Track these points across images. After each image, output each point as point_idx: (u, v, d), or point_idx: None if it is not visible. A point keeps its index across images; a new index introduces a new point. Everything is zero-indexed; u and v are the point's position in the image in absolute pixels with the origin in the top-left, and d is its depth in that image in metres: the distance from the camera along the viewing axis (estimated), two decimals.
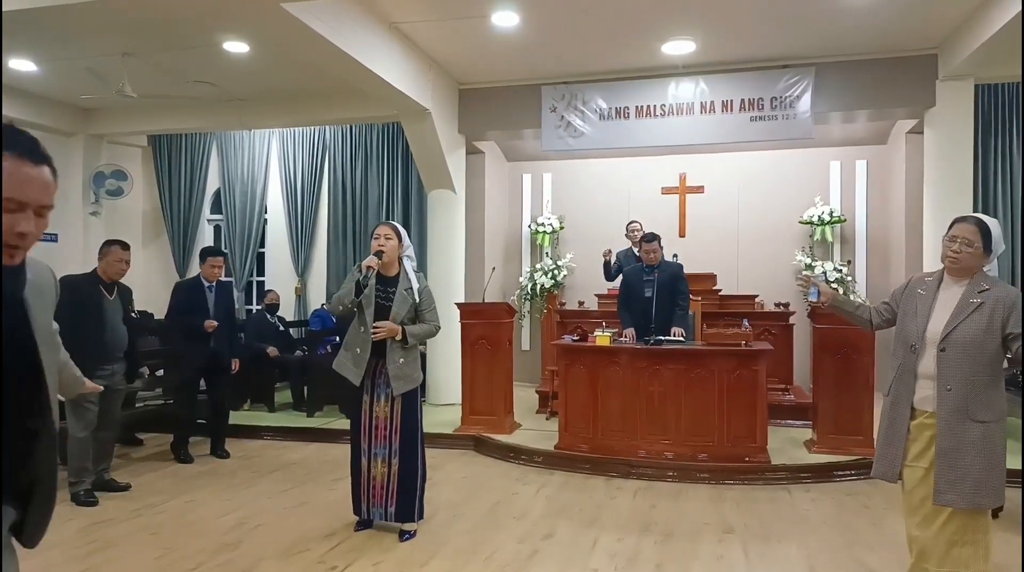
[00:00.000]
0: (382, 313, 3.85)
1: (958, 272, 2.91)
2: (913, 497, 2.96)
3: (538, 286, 8.72)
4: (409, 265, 3.98)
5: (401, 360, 3.87)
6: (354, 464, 3.98)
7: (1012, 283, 7.52)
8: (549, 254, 9.01)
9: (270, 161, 9.86)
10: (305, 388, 7.35)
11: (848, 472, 5.15)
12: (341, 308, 3.87)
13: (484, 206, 8.63)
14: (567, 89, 7.50)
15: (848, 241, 8.33)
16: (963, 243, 2.85)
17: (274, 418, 7.04)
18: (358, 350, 3.88)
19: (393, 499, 3.89)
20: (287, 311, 9.24)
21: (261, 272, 10.06)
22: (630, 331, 5.71)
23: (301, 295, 9.70)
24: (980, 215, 2.97)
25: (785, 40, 6.54)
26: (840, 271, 7.99)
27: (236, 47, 6.59)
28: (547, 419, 6.71)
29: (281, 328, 8.13)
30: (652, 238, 5.85)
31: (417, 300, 3.92)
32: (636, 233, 7.24)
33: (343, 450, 5.91)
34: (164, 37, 6.28)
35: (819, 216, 8.14)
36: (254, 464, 5.62)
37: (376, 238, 3.88)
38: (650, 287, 5.79)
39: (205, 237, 10.25)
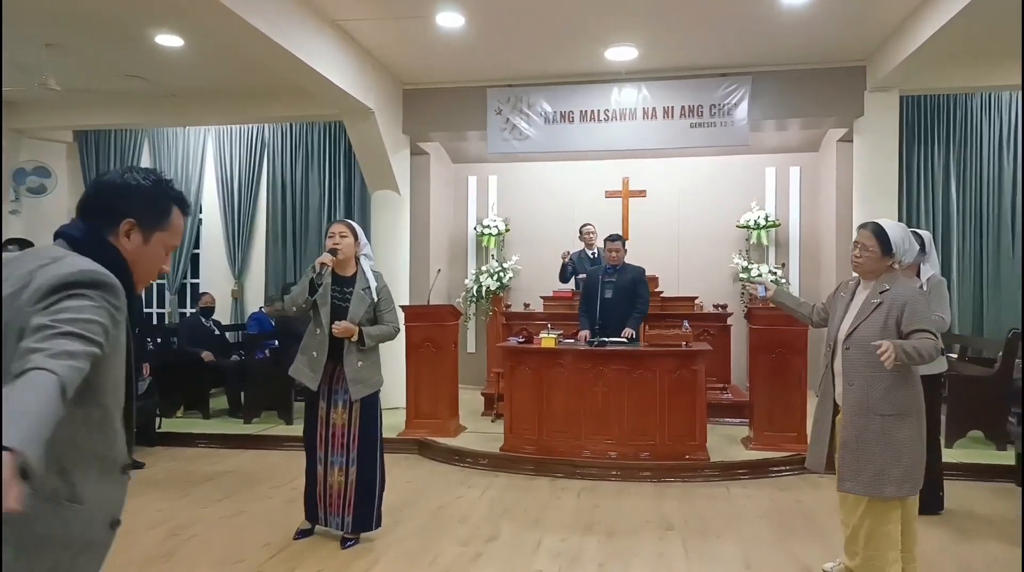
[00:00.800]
0: (338, 314, 3.75)
1: (864, 274, 3.11)
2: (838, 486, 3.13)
3: (483, 288, 8.71)
4: (367, 264, 3.89)
5: (359, 363, 3.76)
6: (309, 471, 3.86)
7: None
8: (495, 256, 9.02)
9: (205, 159, 9.58)
10: (242, 394, 7.16)
11: (782, 468, 5.31)
12: (295, 308, 3.77)
13: (429, 208, 8.58)
14: (512, 92, 7.52)
15: (782, 244, 8.60)
16: (861, 248, 3.06)
17: (209, 425, 6.83)
18: (314, 354, 3.78)
19: (351, 509, 3.79)
20: (223, 314, 8.99)
21: (196, 274, 9.76)
22: (584, 333, 5.76)
23: (238, 298, 9.45)
24: (880, 220, 3.14)
25: (723, 49, 6.72)
26: (775, 273, 8.23)
27: (169, 40, 6.39)
28: (492, 421, 6.71)
29: (217, 332, 7.90)
30: (615, 238, 5.93)
31: (375, 300, 3.83)
32: (591, 235, 7.33)
33: (282, 457, 5.85)
34: (91, 28, 6.04)
35: (755, 220, 8.38)
36: (188, 473, 5.44)
37: (331, 236, 3.80)
38: (610, 288, 5.86)
39: None
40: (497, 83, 7.53)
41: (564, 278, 7.48)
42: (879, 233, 3.04)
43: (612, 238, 5.96)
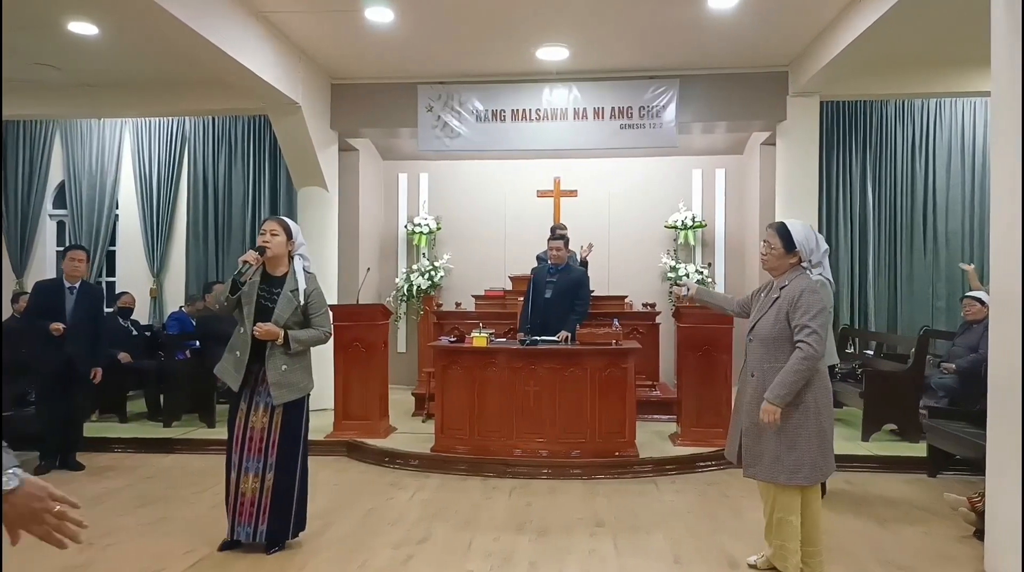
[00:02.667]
0: (263, 314, 3.59)
1: (771, 271, 3.26)
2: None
3: (415, 287, 8.61)
4: (300, 265, 3.72)
5: (284, 367, 3.59)
6: (226, 479, 3.68)
7: (857, 281, 8.24)
8: (426, 255, 8.93)
9: (122, 153, 9.17)
10: (162, 396, 6.85)
11: (710, 463, 5.43)
12: (218, 306, 3.62)
13: (358, 205, 8.41)
14: (444, 89, 7.46)
15: (709, 245, 8.81)
16: (767, 245, 3.22)
17: (126, 429, 6.50)
18: (238, 353, 3.61)
19: (264, 517, 3.59)
20: (141, 314, 8.60)
21: (111, 272, 9.31)
22: (520, 335, 5.74)
23: (157, 297, 9.07)
24: (786, 219, 3.30)
25: (652, 52, 6.83)
26: (701, 273, 8.43)
27: (83, 28, 6.07)
28: (423, 421, 6.64)
29: (135, 332, 7.55)
30: (558, 237, 5.91)
31: (302, 303, 3.66)
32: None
33: (205, 461, 5.62)
34: None
35: (683, 221, 8.57)
36: (105, 479, 5.16)
37: (262, 233, 3.65)
38: (551, 288, 5.85)
39: (47, 234, 9.37)
40: (428, 80, 7.46)
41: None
42: (782, 231, 3.20)
43: (554, 236, 5.93)
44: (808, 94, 7.03)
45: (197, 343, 7.13)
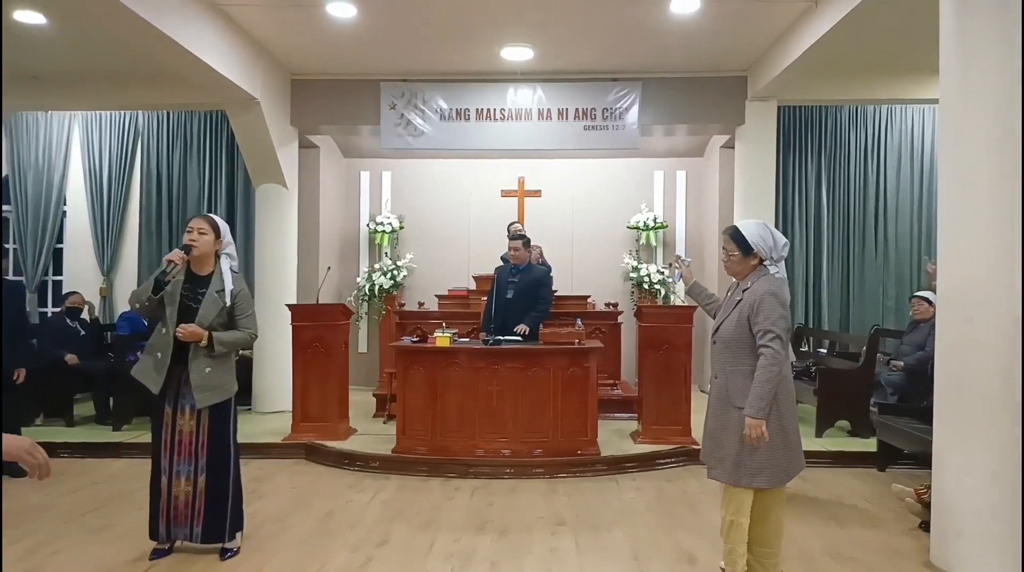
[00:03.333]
0: (186, 315, 3.48)
1: (736, 275, 3.26)
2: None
3: (376, 287, 8.53)
4: (227, 264, 3.63)
5: (208, 369, 3.50)
6: (153, 484, 3.57)
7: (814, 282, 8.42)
8: (388, 254, 8.85)
9: (71, 147, 8.88)
10: (111, 399, 6.65)
11: (669, 460, 5.49)
12: (138, 306, 3.48)
13: (319, 203, 8.30)
14: (407, 87, 7.40)
15: (670, 245, 8.91)
16: (725, 252, 3.24)
17: (73, 433, 6.30)
18: (159, 355, 3.49)
19: (200, 519, 3.53)
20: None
21: (58, 271, 9.02)
22: (483, 335, 5.73)
23: (107, 296, 8.82)
24: (738, 222, 3.29)
25: (615, 55, 6.88)
26: (662, 273, 8.53)
27: (30, 18, 5.86)
28: (384, 423, 6.58)
29: (83, 333, 7.32)
30: (516, 237, 5.90)
31: (228, 304, 3.57)
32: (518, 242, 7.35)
33: (122, 465, 5.45)
34: None
35: (644, 222, 8.65)
36: (49, 485, 4.99)
37: (189, 231, 3.53)
38: (512, 288, 5.85)
39: None
40: (391, 77, 7.40)
41: None
42: (736, 236, 3.18)
43: (513, 236, 5.93)
44: (766, 99, 7.16)
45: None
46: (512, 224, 7.56)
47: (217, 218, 3.67)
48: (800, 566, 3.58)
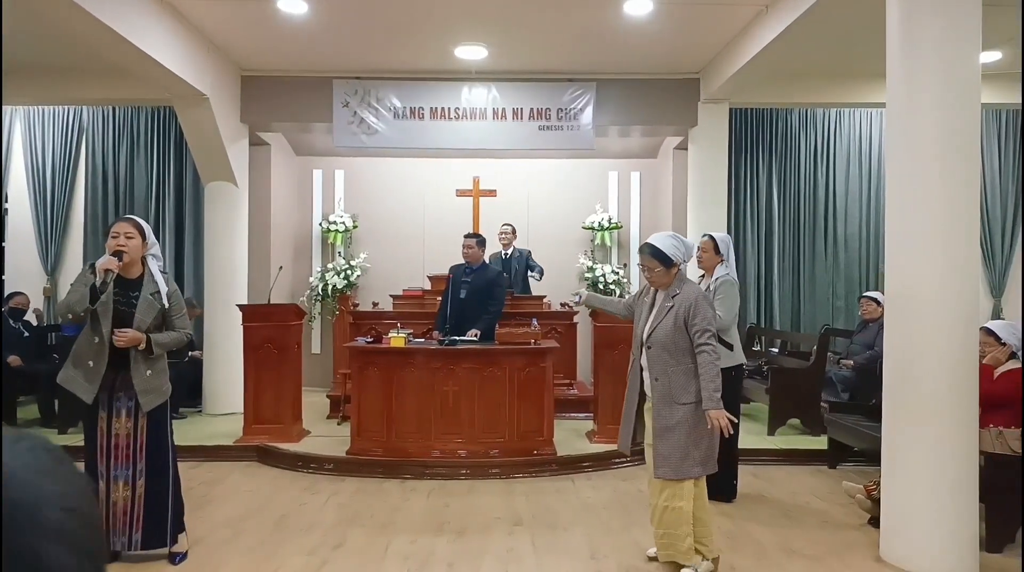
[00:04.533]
0: (121, 320, 3.38)
1: (662, 287, 3.44)
2: (648, 470, 3.45)
3: (330, 286, 8.40)
4: (155, 265, 3.54)
5: (148, 372, 3.43)
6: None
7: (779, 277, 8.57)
8: (342, 253, 8.72)
9: (12, 143, 8.55)
10: (56, 401, 6.42)
11: (624, 459, 5.52)
12: (71, 316, 3.33)
13: (270, 201, 8.13)
14: (360, 84, 7.31)
15: (624, 246, 8.99)
16: (648, 270, 3.41)
17: None
18: (91, 363, 3.38)
19: (139, 525, 3.45)
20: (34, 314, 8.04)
21: (0, 270, 8.66)
22: (437, 335, 5.68)
23: (51, 296, 8.50)
24: (651, 238, 3.47)
25: (570, 55, 6.90)
26: (617, 273, 8.60)
27: None
28: (339, 424, 6.47)
29: (27, 334, 7.05)
30: (469, 235, 5.88)
31: (166, 305, 3.50)
32: (504, 236, 7.36)
33: None
34: None
35: (599, 222, 8.71)
36: None
37: (114, 236, 3.39)
38: (466, 288, 5.82)
39: None
40: (344, 74, 7.29)
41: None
42: (655, 253, 3.37)
43: (466, 234, 5.92)
44: (718, 101, 7.27)
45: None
46: (503, 225, 7.55)
47: (140, 220, 3.57)
48: (753, 562, 3.63)
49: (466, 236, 5.97)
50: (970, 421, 3.54)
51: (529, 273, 7.63)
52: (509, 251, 7.44)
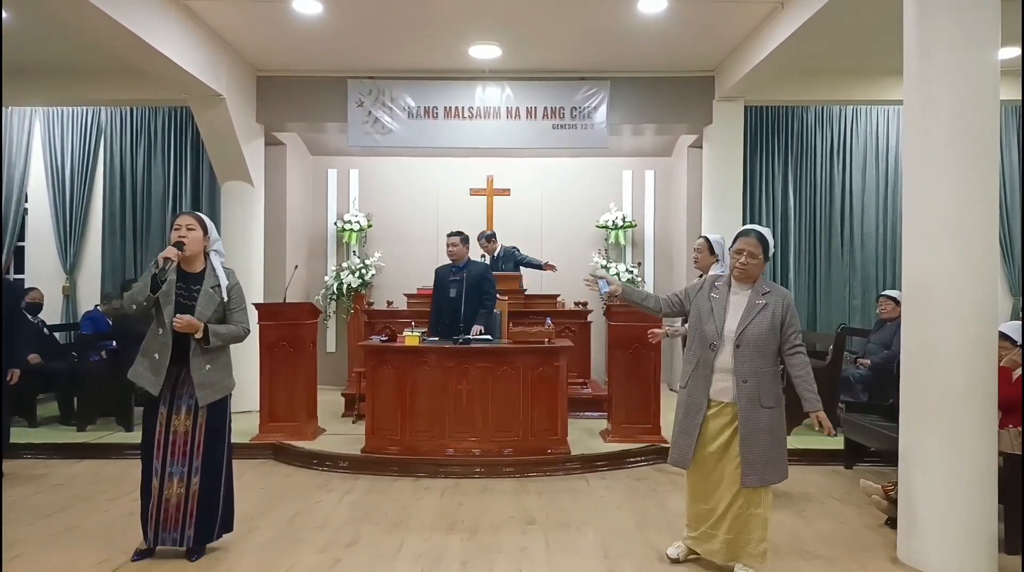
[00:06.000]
0: (184, 313, 3.45)
1: (746, 279, 3.32)
2: (710, 478, 3.31)
3: (344, 285, 8.44)
4: (217, 260, 3.61)
5: (208, 366, 3.49)
6: (145, 486, 3.51)
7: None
8: (356, 252, 8.77)
9: (32, 144, 8.66)
10: (75, 399, 6.50)
11: (638, 458, 5.51)
12: (135, 307, 3.41)
13: (285, 201, 8.19)
14: (374, 84, 7.34)
15: (638, 244, 8.96)
16: (748, 255, 3.26)
17: (36, 434, 6.15)
18: (156, 356, 3.44)
19: (192, 521, 3.48)
20: (53, 313, 8.15)
21: (20, 269, 8.78)
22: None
23: (70, 295, 8.60)
24: (758, 228, 3.39)
25: (584, 54, 6.89)
26: (632, 272, 8.57)
27: None
28: (353, 422, 6.51)
29: (45, 332, 7.14)
30: (453, 233, 5.86)
31: (226, 299, 3.56)
32: (483, 246, 7.37)
33: (122, 467, 5.36)
34: None
35: (613, 221, 8.68)
36: (11, 486, 4.84)
37: (176, 229, 3.49)
38: (455, 287, 5.81)
39: None
40: (358, 74, 7.33)
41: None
42: (762, 239, 3.29)
43: (449, 233, 5.88)
44: (733, 99, 7.22)
45: (113, 343, 6.79)
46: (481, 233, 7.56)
47: (203, 215, 3.64)
48: (770, 564, 3.60)
49: (449, 235, 5.91)
50: (988, 421, 3.50)
51: (526, 268, 7.61)
52: (495, 254, 7.46)
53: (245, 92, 7.13)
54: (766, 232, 3.37)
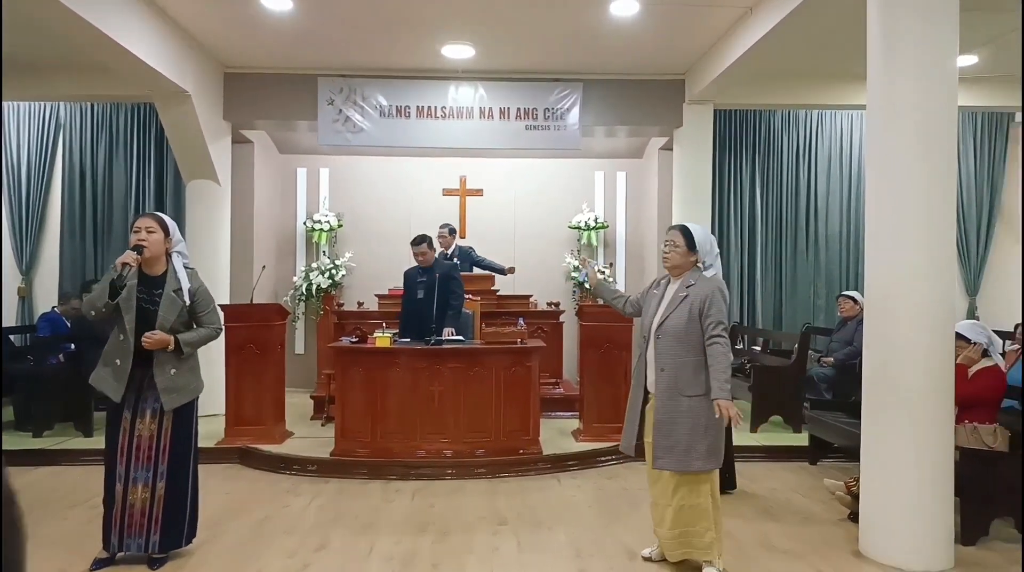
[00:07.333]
0: (145, 318, 3.36)
1: (673, 270, 3.46)
2: (650, 468, 3.42)
3: (314, 286, 8.35)
4: (180, 262, 3.52)
5: (173, 371, 3.41)
6: (108, 491, 3.42)
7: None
8: (326, 253, 8.68)
9: None
10: (31, 404, 6.32)
11: (610, 457, 5.54)
12: (94, 313, 3.33)
13: (253, 200, 8.07)
14: (345, 82, 7.27)
15: (610, 245, 9.02)
16: (671, 245, 3.43)
17: None
18: (118, 362, 3.36)
19: (158, 527, 3.41)
20: (8, 314, 7.93)
21: None
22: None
23: (26, 296, 8.38)
24: (687, 223, 3.53)
25: (557, 55, 6.91)
26: (603, 273, 8.59)
27: None
28: (323, 425, 6.44)
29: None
30: (420, 241, 5.81)
31: (187, 302, 3.47)
32: (441, 239, 7.18)
33: (81, 473, 5.23)
34: None
35: (585, 222, 8.72)
36: None
37: (136, 231, 3.39)
38: (422, 288, 5.78)
39: None
40: (329, 72, 7.25)
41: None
42: (685, 232, 3.42)
43: (415, 242, 5.79)
44: (703, 102, 7.31)
45: (72, 346, 6.63)
46: (441, 225, 7.43)
47: (164, 216, 3.55)
48: (735, 559, 3.65)
49: (416, 243, 5.81)
50: (946, 417, 3.60)
51: (483, 271, 7.50)
52: (450, 251, 7.28)
53: (212, 89, 7.02)
54: (695, 227, 3.46)
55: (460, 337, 5.60)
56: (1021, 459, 3.88)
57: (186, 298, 3.47)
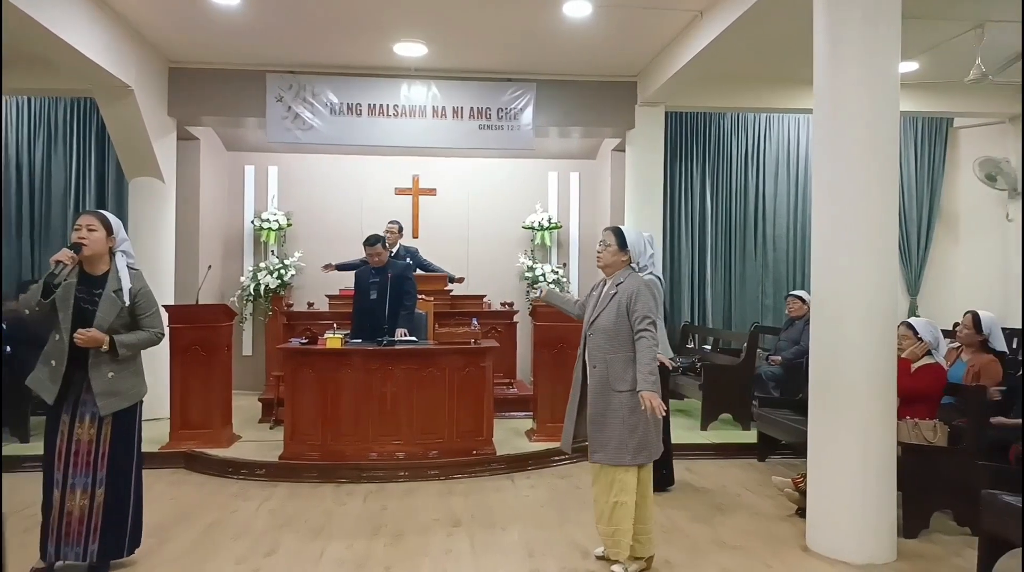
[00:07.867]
0: (83, 318, 3.24)
1: (605, 269, 3.55)
2: (592, 465, 3.47)
3: (262, 286, 8.17)
4: (123, 262, 3.39)
5: (111, 374, 3.28)
6: (45, 498, 3.29)
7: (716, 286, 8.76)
8: (275, 252, 8.51)
9: None
10: None
11: (563, 457, 5.56)
12: (28, 312, 3.21)
13: (198, 198, 7.86)
14: (295, 79, 7.14)
15: (564, 245, 9.06)
16: (603, 244, 3.53)
17: None
18: (53, 362, 3.24)
19: (96, 536, 3.28)
20: None
21: None
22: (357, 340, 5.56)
23: None
24: (621, 226, 3.66)
25: (510, 55, 6.91)
26: (557, 273, 8.65)
27: None
28: (271, 428, 6.31)
29: None
30: (374, 241, 5.74)
31: (127, 303, 3.34)
32: (389, 235, 7.03)
33: (17, 481, 5.00)
34: None
35: (539, 222, 8.75)
36: None
37: (77, 229, 3.27)
38: (375, 289, 5.72)
39: None
40: (278, 68, 7.11)
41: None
42: (617, 232, 3.53)
43: (369, 242, 5.71)
44: (654, 104, 7.40)
45: (8, 348, 6.34)
46: (390, 222, 7.31)
47: (108, 214, 3.42)
48: (685, 555, 3.71)
49: (369, 244, 5.69)
50: (889, 414, 3.71)
51: (429, 273, 7.36)
52: (395, 249, 7.09)
53: (156, 84, 6.81)
54: (627, 229, 3.57)
55: (413, 338, 5.55)
56: (958, 454, 4.03)
57: (126, 299, 3.35)
